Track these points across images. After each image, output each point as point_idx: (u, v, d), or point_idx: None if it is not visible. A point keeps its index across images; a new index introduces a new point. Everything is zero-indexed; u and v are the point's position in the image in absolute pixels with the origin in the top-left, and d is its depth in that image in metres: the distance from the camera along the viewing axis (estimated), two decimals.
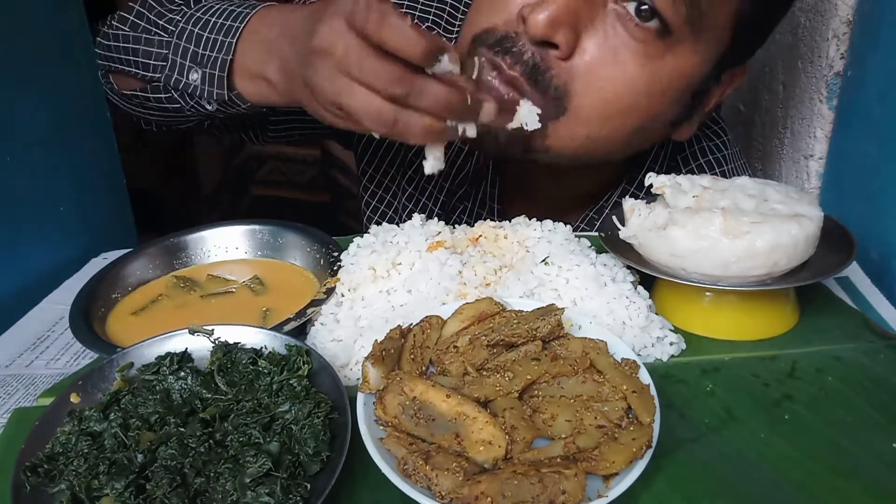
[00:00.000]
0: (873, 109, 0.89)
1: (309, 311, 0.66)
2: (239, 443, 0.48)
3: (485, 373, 0.55)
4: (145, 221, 1.11)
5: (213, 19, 0.77)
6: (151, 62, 0.81)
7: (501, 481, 0.45)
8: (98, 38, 0.90)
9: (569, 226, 0.74)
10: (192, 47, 0.77)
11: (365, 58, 0.59)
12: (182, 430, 0.49)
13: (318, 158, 2.41)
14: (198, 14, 0.79)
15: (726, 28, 0.72)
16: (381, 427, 0.52)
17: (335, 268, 0.72)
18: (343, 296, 0.68)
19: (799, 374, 0.62)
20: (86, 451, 0.48)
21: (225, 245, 0.81)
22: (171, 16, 0.82)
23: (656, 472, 0.51)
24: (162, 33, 0.81)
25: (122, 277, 0.75)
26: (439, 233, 0.72)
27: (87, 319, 0.67)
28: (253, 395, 0.53)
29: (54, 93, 0.90)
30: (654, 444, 0.49)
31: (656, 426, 0.50)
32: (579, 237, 0.73)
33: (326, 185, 2.40)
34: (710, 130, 0.95)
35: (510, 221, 0.76)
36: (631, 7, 0.68)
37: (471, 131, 0.66)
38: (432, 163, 0.67)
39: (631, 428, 0.50)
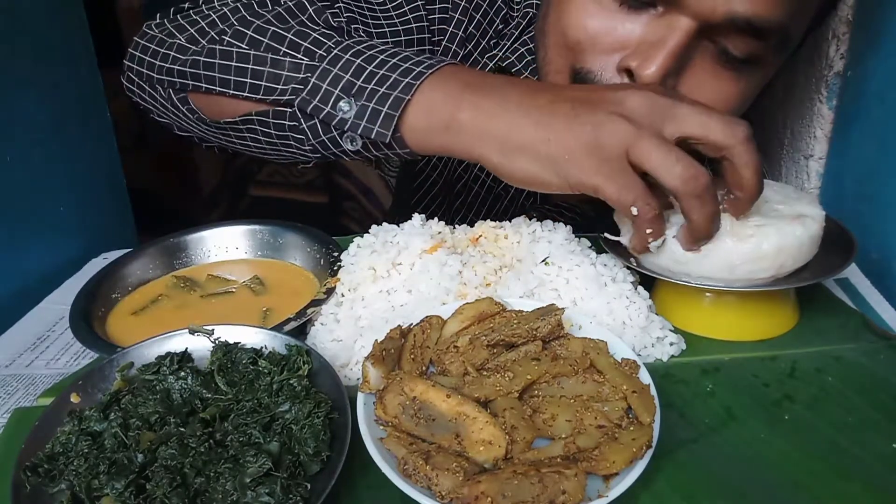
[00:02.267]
0: (873, 109, 0.89)
1: (309, 311, 0.66)
2: (239, 443, 0.48)
3: (485, 373, 0.55)
4: (145, 221, 1.11)
5: (382, 57, 0.69)
6: (279, 86, 0.71)
7: (501, 481, 0.45)
8: (162, 51, 0.76)
9: (569, 226, 0.74)
10: (346, 76, 0.69)
11: (672, 156, 0.57)
12: (182, 430, 0.49)
13: None
14: (356, 47, 0.70)
15: (803, 32, 0.74)
16: (381, 427, 0.52)
17: (335, 268, 0.72)
18: (343, 296, 0.68)
19: (799, 375, 0.62)
20: (86, 451, 0.48)
21: (225, 245, 0.81)
22: (316, 37, 0.72)
23: (656, 472, 0.51)
24: (301, 56, 0.71)
25: (122, 277, 0.75)
26: (439, 232, 0.72)
27: (87, 319, 0.67)
28: (253, 395, 0.53)
29: (54, 93, 0.90)
30: (654, 444, 0.49)
31: (656, 426, 0.50)
32: (579, 237, 0.73)
33: (326, 187, 2.40)
34: None
35: (510, 221, 0.76)
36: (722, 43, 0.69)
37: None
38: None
39: (631, 428, 0.50)
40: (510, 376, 0.54)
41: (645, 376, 0.55)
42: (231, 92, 0.73)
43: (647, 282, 0.69)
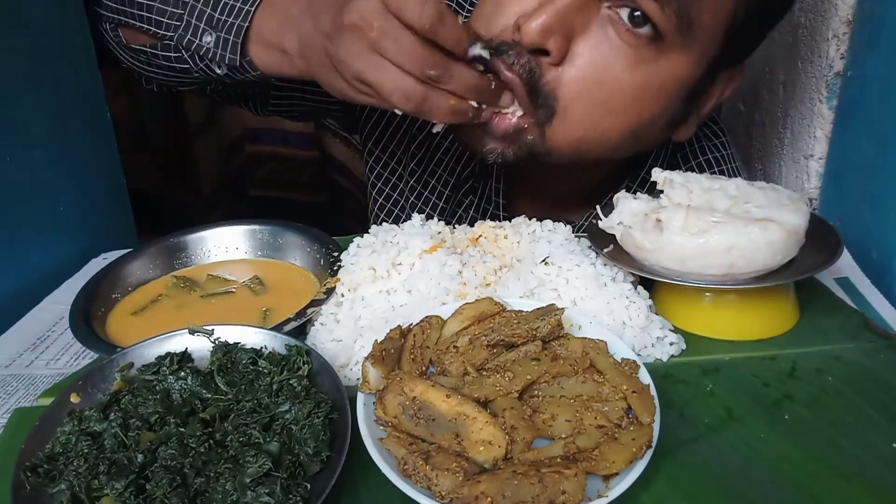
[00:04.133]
0: (873, 109, 0.89)
1: (309, 311, 0.66)
2: (239, 443, 0.48)
3: (485, 373, 0.55)
4: (145, 221, 1.11)
5: None
6: (165, 20, 0.82)
7: (501, 481, 0.45)
8: None
9: (569, 226, 0.74)
10: (208, 10, 0.78)
11: (401, 38, 0.62)
12: (182, 430, 0.49)
13: (317, 159, 2.40)
14: None
15: (719, 32, 0.72)
16: (381, 427, 0.52)
17: (335, 268, 0.72)
18: (343, 296, 0.68)
19: (799, 374, 0.62)
20: (86, 451, 0.48)
21: (225, 245, 0.81)
22: None
23: (656, 472, 0.51)
24: None
25: (122, 277, 0.75)
26: (439, 233, 0.72)
27: (87, 319, 0.67)
28: (253, 395, 0.53)
29: (54, 93, 0.89)
30: (654, 444, 0.49)
31: (656, 426, 0.50)
32: (579, 237, 0.73)
33: (325, 186, 2.40)
34: (710, 130, 0.96)
35: (510, 221, 0.76)
36: (624, 13, 0.69)
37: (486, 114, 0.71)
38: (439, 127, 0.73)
39: (631, 428, 0.50)
40: (510, 376, 0.54)
41: (645, 376, 0.55)
42: (137, 24, 0.85)
43: (647, 281, 0.69)
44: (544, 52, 0.70)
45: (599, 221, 0.70)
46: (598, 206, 0.72)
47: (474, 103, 0.68)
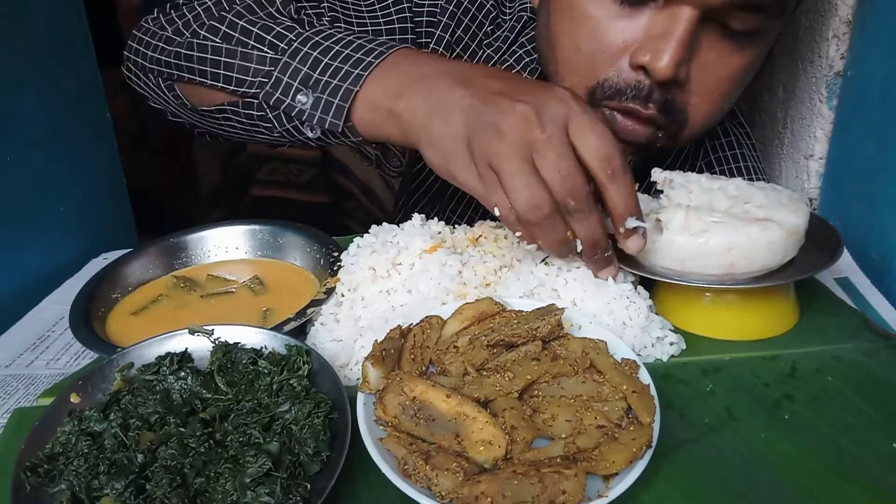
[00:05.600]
0: (873, 109, 0.89)
1: (309, 311, 0.66)
2: (239, 443, 0.48)
3: (485, 373, 0.55)
4: (145, 221, 1.11)
5: (337, 47, 0.72)
6: (248, 78, 0.75)
7: (501, 481, 0.45)
8: (153, 43, 0.80)
9: None
10: (304, 69, 0.72)
11: (565, 157, 0.58)
12: (182, 430, 0.49)
13: (318, 159, 2.40)
14: (315, 38, 0.74)
15: None
16: (381, 427, 0.52)
17: (335, 268, 0.72)
18: (343, 296, 0.68)
19: (799, 374, 0.62)
20: (86, 451, 0.48)
21: (225, 245, 0.81)
22: (279, 30, 0.75)
23: (656, 472, 0.51)
24: (266, 49, 0.74)
25: (122, 277, 0.75)
26: (439, 232, 0.72)
27: (87, 319, 0.67)
28: (253, 395, 0.53)
29: (54, 93, 0.90)
30: (654, 444, 0.49)
31: (656, 426, 0.50)
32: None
33: (326, 186, 2.40)
34: (742, 139, 0.97)
35: None
36: (732, 22, 0.71)
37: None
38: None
39: (631, 428, 0.50)
40: (510, 376, 0.54)
41: (645, 376, 0.55)
42: (208, 82, 0.77)
43: (647, 282, 0.69)
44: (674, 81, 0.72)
45: None
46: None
47: (579, 246, 0.63)
